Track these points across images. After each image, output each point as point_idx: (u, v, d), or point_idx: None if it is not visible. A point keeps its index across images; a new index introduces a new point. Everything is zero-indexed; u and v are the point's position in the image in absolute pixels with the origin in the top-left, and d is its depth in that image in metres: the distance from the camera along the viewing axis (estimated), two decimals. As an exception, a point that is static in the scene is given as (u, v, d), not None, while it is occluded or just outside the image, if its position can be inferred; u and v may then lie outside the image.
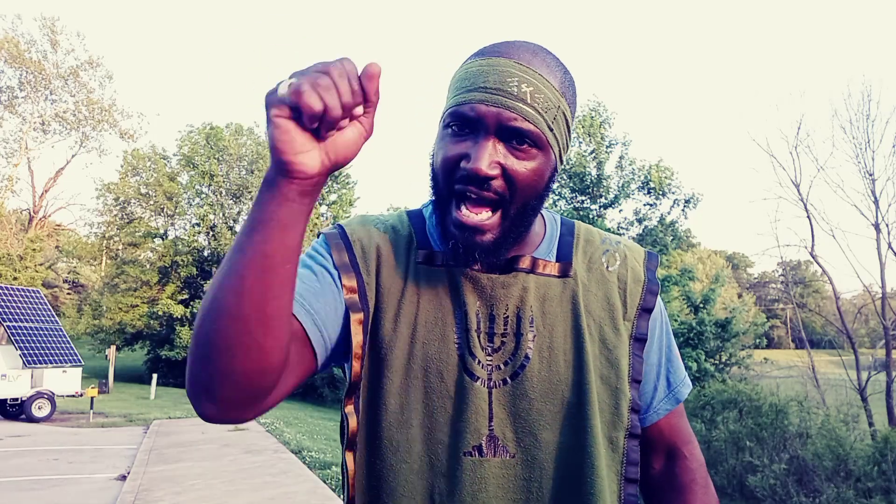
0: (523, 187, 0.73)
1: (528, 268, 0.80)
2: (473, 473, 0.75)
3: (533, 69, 0.72)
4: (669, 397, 0.89)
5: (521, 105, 0.71)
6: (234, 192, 26.35)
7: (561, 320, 0.80)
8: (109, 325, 24.42)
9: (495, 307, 0.79)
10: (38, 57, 26.84)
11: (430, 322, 0.78)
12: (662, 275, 17.17)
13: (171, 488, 6.30)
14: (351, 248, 0.81)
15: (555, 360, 0.78)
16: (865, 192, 14.61)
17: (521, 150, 0.72)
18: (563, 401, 0.78)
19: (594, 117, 17.65)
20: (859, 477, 8.70)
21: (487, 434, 0.76)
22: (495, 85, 0.71)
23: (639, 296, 0.85)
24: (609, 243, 0.88)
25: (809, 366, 14.91)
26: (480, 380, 0.77)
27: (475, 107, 0.71)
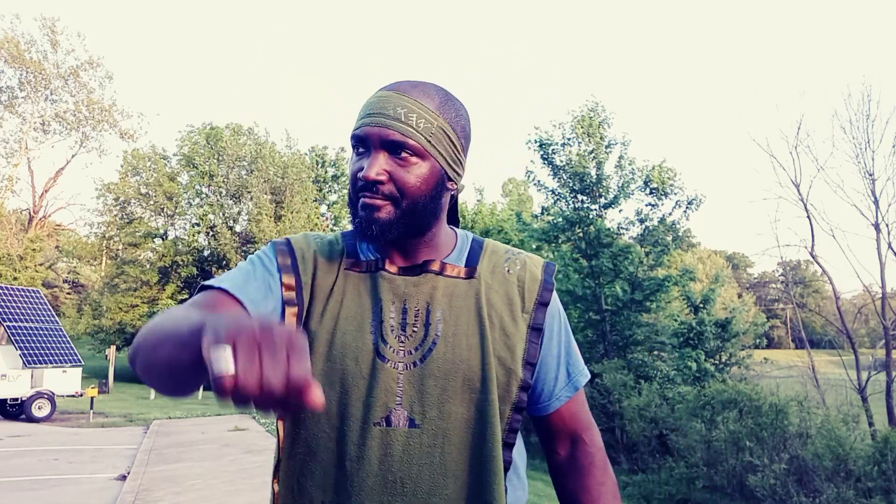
0: (410, 189, 0.90)
1: (437, 270, 0.96)
2: (381, 441, 0.88)
3: (409, 97, 0.90)
4: (569, 385, 1.02)
5: (397, 124, 0.88)
6: (233, 192, 26.34)
7: (465, 312, 0.94)
8: (109, 325, 24.41)
9: (408, 302, 0.94)
10: (38, 57, 26.85)
11: (350, 316, 0.93)
12: (662, 275, 17.16)
13: (171, 488, 6.30)
14: (294, 253, 0.97)
15: (458, 344, 0.92)
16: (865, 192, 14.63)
17: (403, 159, 0.89)
18: (465, 378, 0.91)
19: (593, 117, 17.63)
20: (859, 477, 8.71)
21: (396, 408, 0.89)
22: (378, 111, 0.90)
23: (536, 292, 0.99)
24: (511, 253, 1.04)
25: (809, 366, 14.93)
26: (391, 362, 0.91)
27: (364, 129, 0.90)
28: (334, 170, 31.09)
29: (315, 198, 27.73)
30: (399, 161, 0.90)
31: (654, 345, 17.29)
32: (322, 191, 30.09)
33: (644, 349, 17.29)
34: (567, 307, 18.10)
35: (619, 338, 17.34)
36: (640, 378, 15.03)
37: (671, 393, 13.53)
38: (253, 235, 24.77)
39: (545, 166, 18.33)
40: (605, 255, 16.84)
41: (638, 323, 17.28)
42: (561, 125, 18.05)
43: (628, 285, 17.10)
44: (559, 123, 18.11)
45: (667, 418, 12.54)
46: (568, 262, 17.76)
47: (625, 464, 14.28)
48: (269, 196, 25.46)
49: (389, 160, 0.89)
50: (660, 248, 17.24)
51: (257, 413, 0.71)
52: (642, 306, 17.15)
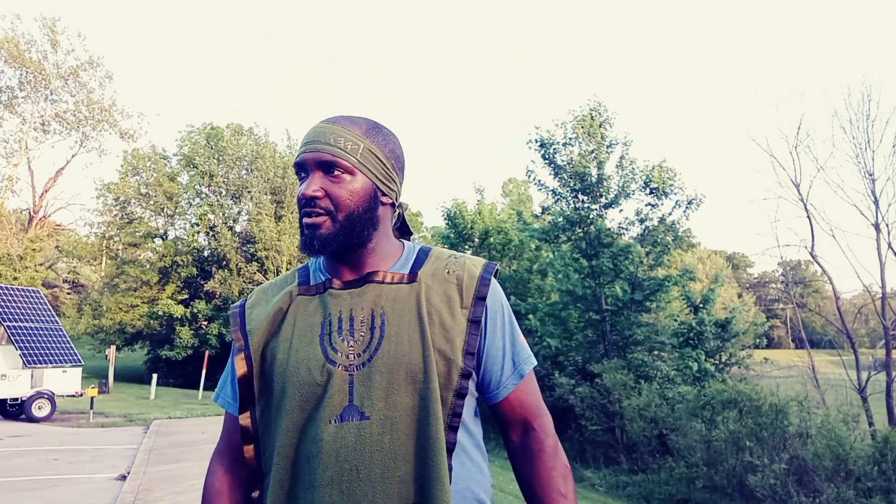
0: (343, 202, 1.03)
1: (380, 280, 1.06)
2: (335, 436, 0.97)
3: (339, 125, 1.05)
4: (514, 374, 1.09)
5: (327, 146, 1.03)
6: (233, 192, 26.33)
7: (407, 312, 1.03)
8: (109, 325, 24.40)
9: (354, 311, 1.04)
10: (38, 57, 26.81)
11: (302, 333, 1.04)
12: (662, 275, 17.15)
13: (171, 488, 6.30)
14: (243, 316, 1.13)
15: (401, 341, 1.01)
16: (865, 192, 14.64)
17: (336, 177, 1.03)
18: (407, 371, 0.99)
19: (594, 117, 17.62)
20: (859, 477, 8.70)
21: (347, 405, 0.99)
22: (312, 139, 1.05)
23: (473, 288, 1.07)
24: (454, 258, 1.13)
25: (809, 366, 14.92)
26: (341, 366, 1.00)
27: (302, 156, 1.05)
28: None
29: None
30: (332, 179, 1.03)
31: (654, 345, 17.29)
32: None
33: (644, 349, 17.28)
34: (567, 307, 18.10)
35: (619, 338, 17.34)
36: (640, 378, 15.03)
37: (671, 393, 13.52)
38: (253, 235, 24.76)
39: (546, 166, 18.33)
40: (605, 255, 16.83)
41: (638, 323, 17.27)
42: (563, 125, 18.05)
43: (628, 285, 17.09)
44: (561, 123, 18.12)
45: (667, 418, 12.54)
46: (568, 261, 17.76)
47: (625, 463, 14.27)
48: (270, 196, 25.45)
49: (324, 179, 1.03)
50: (660, 248, 17.23)
51: None
52: (642, 306, 17.15)
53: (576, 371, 16.97)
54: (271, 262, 24.17)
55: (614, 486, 12.70)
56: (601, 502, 10.95)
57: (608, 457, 14.88)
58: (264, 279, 24.20)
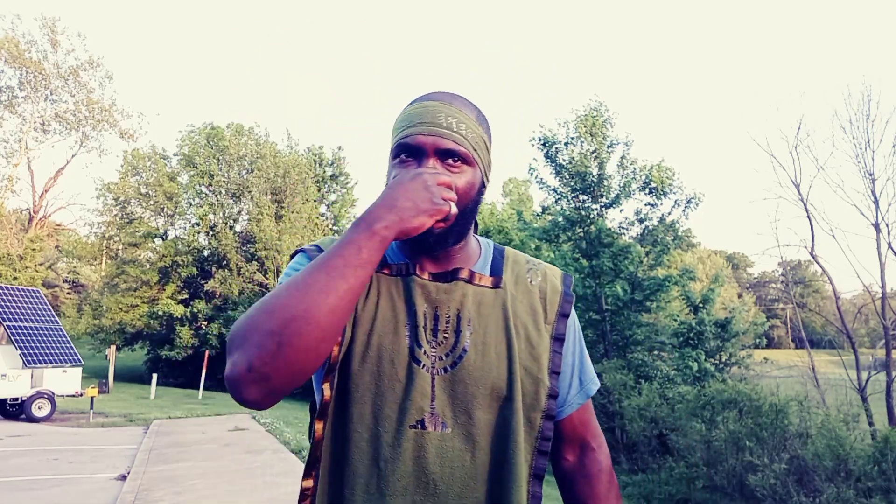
0: (459, 195, 0.93)
1: (466, 278, 0.97)
2: (415, 443, 0.90)
3: (454, 107, 0.96)
4: (581, 393, 1.05)
5: (449, 132, 0.93)
6: (234, 191, 26.31)
7: (493, 321, 0.96)
8: (109, 325, 24.40)
9: (440, 308, 0.95)
10: (39, 57, 26.81)
11: (385, 318, 0.94)
12: (662, 275, 17.14)
13: (171, 488, 6.30)
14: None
15: (487, 353, 0.94)
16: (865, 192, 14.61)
17: (455, 166, 0.94)
18: (493, 386, 0.93)
19: (596, 117, 17.60)
20: (859, 477, 8.70)
21: (429, 411, 0.91)
22: (430, 120, 0.93)
23: (557, 303, 1.03)
24: (532, 264, 1.07)
25: (809, 366, 14.91)
26: (425, 366, 0.92)
27: (416, 138, 0.93)
28: (332, 169, 31.06)
29: (314, 197, 27.72)
30: (450, 168, 0.94)
31: (654, 345, 17.28)
32: (321, 190, 30.07)
33: (644, 349, 17.27)
34: (567, 307, 18.08)
35: (619, 338, 17.34)
36: (640, 378, 15.02)
37: (671, 393, 13.52)
38: (253, 235, 24.75)
39: (548, 164, 18.33)
40: (605, 255, 16.83)
41: (638, 323, 17.27)
42: (565, 124, 18.05)
43: (628, 285, 17.09)
44: (563, 122, 18.11)
45: (667, 418, 12.54)
46: (568, 261, 17.74)
47: (625, 464, 14.27)
48: (270, 196, 25.44)
49: (440, 166, 0.93)
50: (660, 248, 17.23)
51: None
52: (642, 306, 17.14)
53: (576, 371, 16.94)
54: (271, 261, 24.16)
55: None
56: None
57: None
58: (264, 279, 24.21)
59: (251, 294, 24.14)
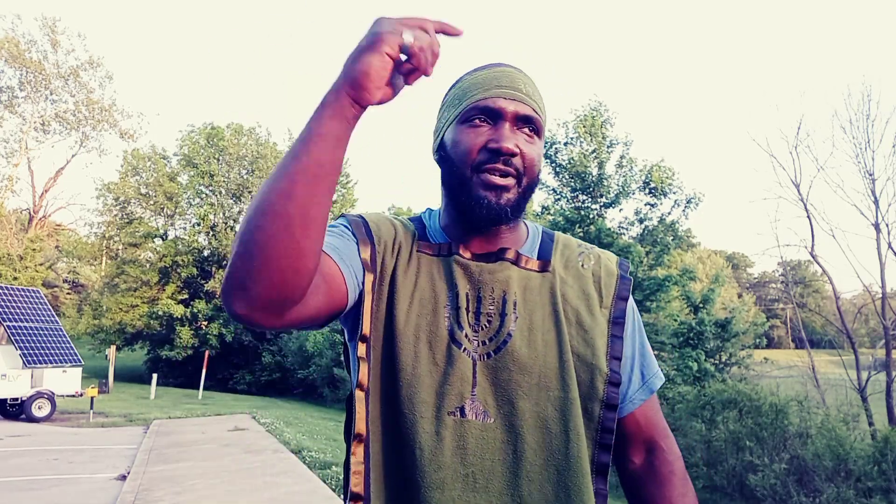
0: (531, 165, 0.89)
1: (513, 259, 0.92)
2: (455, 432, 0.84)
3: (528, 77, 0.93)
4: (644, 388, 0.97)
5: (529, 99, 0.90)
6: (234, 192, 26.32)
7: (540, 306, 0.90)
8: (109, 325, 24.40)
9: (483, 290, 0.89)
10: (39, 57, 26.83)
11: (424, 298, 0.89)
12: (662, 275, 17.14)
13: (171, 488, 6.30)
14: (368, 225, 0.94)
15: (534, 339, 0.88)
16: (865, 192, 14.60)
17: (530, 135, 0.90)
18: (541, 375, 0.87)
19: (595, 117, 17.62)
20: (859, 477, 8.70)
21: (470, 398, 0.85)
22: (510, 85, 0.90)
23: (613, 287, 0.96)
24: (584, 247, 1.00)
25: (809, 366, 14.91)
26: (467, 350, 0.87)
27: (496, 101, 0.88)
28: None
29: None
30: (527, 136, 0.90)
31: (653, 345, 17.27)
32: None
33: (644, 349, 17.29)
34: (567, 307, 18.09)
35: (619, 338, 17.34)
36: (640, 378, 15.03)
37: (671, 393, 13.52)
38: (253, 235, 24.78)
39: (547, 164, 18.34)
40: (605, 255, 16.85)
41: (638, 323, 17.28)
42: (564, 124, 18.06)
43: (628, 285, 17.10)
44: (563, 123, 18.13)
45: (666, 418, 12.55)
46: (568, 261, 17.76)
47: (625, 464, 14.28)
48: (270, 196, 25.47)
49: (518, 133, 0.89)
50: (660, 248, 17.23)
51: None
52: (642, 306, 17.14)
53: (576, 371, 16.95)
54: (271, 261, 24.19)
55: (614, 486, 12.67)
56: (601, 502, 10.93)
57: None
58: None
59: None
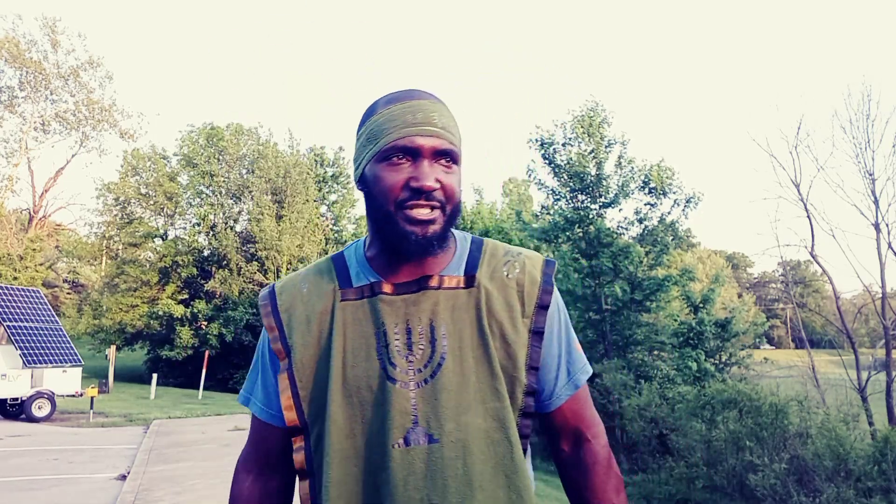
0: (451, 194, 0.92)
1: (436, 285, 0.96)
2: (402, 461, 0.89)
3: (438, 105, 0.95)
4: (569, 384, 1.02)
5: (444, 132, 0.92)
6: (234, 192, 26.31)
7: (468, 324, 0.95)
8: (109, 325, 24.38)
9: (411, 322, 0.94)
10: (39, 57, 26.82)
11: (356, 348, 0.94)
12: (662, 275, 17.13)
13: (171, 488, 6.30)
14: (278, 315, 1.00)
15: (465, 357, 0.93)
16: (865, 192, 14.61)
17: (448, 166, 0.93)
18: (476, 390, 0.92)
19: (593, 117, 17.62)
20: (859, 476, 8.70)
21: (412, 427, 0.90)
22: (424, 120, 0.92)
23: (535, 296, 0.99)
24: (511, 255, 1.03)
25: (809, 366, 14.91)
26: (401, 383, 0.91)
27: (413, 139, 0.90)
28: (333, 169, 31.07)
29: (315, 198, 27.72)
30: (445, 168, 0.93)
31: (654, 345, 17.28)
32: (322, 190, 30.08)
33: (644, 349, 17.27)
34: (567, 307, 17.99)
35: (619, 338, 17.33)
36: (640, 378, 15.02)
37: (671, 393, 13.52)
38: (253, 235, 24.76)
39: (545, 165, 18.34)
40: (605, 255, 16.83)
41: (638, 323, 17.26)
42: (563, 124, 18.05)
43: (628, 285, 17.08)
44: (561, 123, 18.12)
45: (667, 418, 12.54)
46: (568, 261, 17.74)
47: (625, 464, 14.27)
48: (270, 196, 25.44)
49: (436, 167, 0.92)
50: (659, 248, 17.22)
51: None
52: (642, 306, 17.14)
53: (576, 371, 16.94)
54: (271, 262, 24.17)
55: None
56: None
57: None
58: (264, 279, 24.20)
59: (251, 294, 24.15)
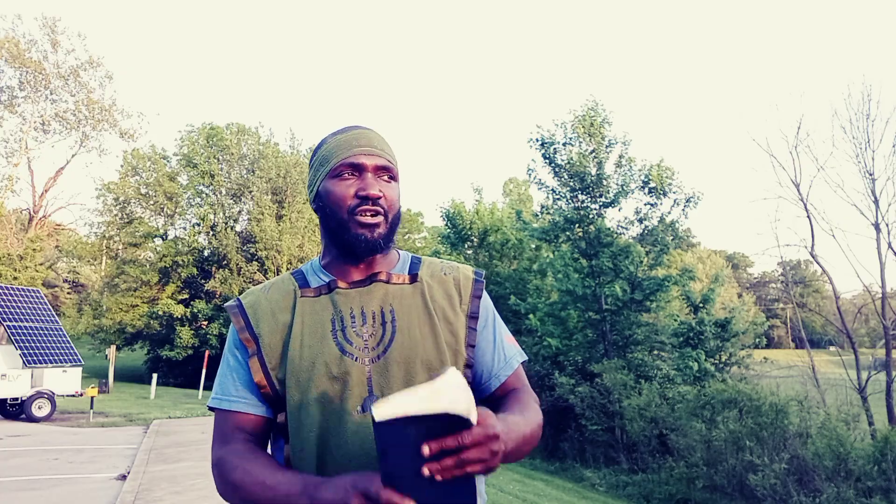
0: (392, 203, 1.12)
1: (385, 280, 1.13)
2: (359, 425, 1.03)
3: (379, 135, 1.17)
4: (505, 366, 1.18)
5: (383, 152, 1.14)
6: (234, 191, 26.31)
7: (415, 308, 1.12)
8: (109, 324, 24.39)
9: (365, 307, 1.10)
10: (39, 57, 26.81)
11: (313, 332, 1.08)
12: (662, 274, 17.13)
13: (171, 488, 6.30)
14: (245, 313, 1.14)
15: (413, 334, 1.09)
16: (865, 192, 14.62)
17: (388, 181, 1.13)
18: (423, 360, 1.07)
19: (594, 117, 17.61)
20: (859, 476, 8.70)
21: (369, 396, 1.04)
22: (367, 143, 1.13)
23: (470, 287, 1.19)
24: (446, 264, 1.23)
25: (809, 366, 14.91)
26: (359, 359, 1.06)
27: (359, 157, 1.11)
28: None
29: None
30: (385, 182, 1.12)
31: (654, 344, 17.27)
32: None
33: (644, 349, 17.26)
34: (567, 307, 18.09)
35: (619, 337, 17.33)
36: (640, 378, 15.02)
37: (671, 393, 13.53)
38: (253, 235, 24.75)
39: (546, 165, 18.33)
40: (605, 255, 16.82)
41: (638, 323, 17.25)
42: (563, 124, 18.05)
43: (628, 285, 17.07)
44: (561, 123, 18.11)
45: (667, 418, 12.54)
46: (568, 261, 17.73)
47: (625, 463, 14.27)
48: (271, 196, 25.44)
49: (378, 182, 1.11)
50: (659, 248, 17.21)
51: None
52: (642, 306, 17.13)
53: (576, 371, 16.96)
54: (271, 261, 24.16)
55: (614, 485, 12.69)
56: (601, 502, 10.95)
57: (608, 456, 14.87)
58: (264, 279, 24.21)
59: (251, 294, 24.17)
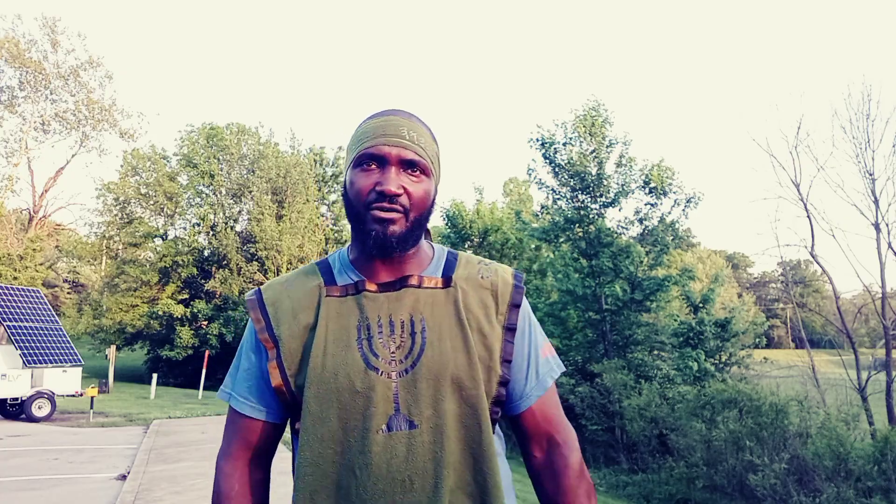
0: (418, 201, 1.00)
1: (416, 284, 1.03)
2: (384, 446, 0.95)
3: (413, 122, 1.04)
4: (538, 385, 1.07)
5: (411, 144, 1.01)
6: (234, 191, 26.31)
7: (447, 317, 1.02)
8: (109, 324, 24.39)
9: (393, 315, 1.01)
10: (39, 57, 26.80)
11: (337, 339, 1.00)
12: (662, 274, 17.13)
13: (171, 488, 6.30)
14: (265, 310, 1.07)
15: (444, 348, 0.99)
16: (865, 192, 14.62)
17: (415, 175, 1.01)
18: (453, 377, 0.98)
19: (594, 117, 17.61)
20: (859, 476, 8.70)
21: (394, 414, 0.96)
22: (394, 133, 1.01)
23: (508, 295, 1.07)
24: (483, 264, 1.12)
25: (809, 365, 14.91)
26: (384, 373, 0.98)
27: (380, 148, 0.99)
28: (333, 169, 31.07)
29: (315, 198, 27.72)
30: (411, 177, 1.01)
31: (654, 344, 17.27)
32: (322, 190, 30.07)
33: (644, 349, 17.27)
34: (567, 307, 18.10)
35: (619, 337, 17.33)
36: (640, 378, 15.02)
37: (671, 393, 13.52)
38: (253, 235, 24.76)
39: (546, 165, 18.32)
40: (605, 255, 16.81)
41: (638, 323, 17.25)
42: (563, 124, 18.04)
43: (628, 285, 17.07)
44: (561, 123, 18.11)
45: (667, 418, 12.54)
46: (568, 261, 17.73)
47: (625, 463, 14.27)
48: (271, 196, 25.43)
49: (401, 176, 1.00)
50: (659, 248, 17.21)
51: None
52: (642, 306, 17.13)
53: (576, 371, 16.97)
54: (272, 261, 24.16)
55: (614, 485, 12.69)
56: (601, 502, 10.95)
57: (608, 456, 14.88)
58: (264, 279, 24.20)
59: (251, 294, 24.19)
